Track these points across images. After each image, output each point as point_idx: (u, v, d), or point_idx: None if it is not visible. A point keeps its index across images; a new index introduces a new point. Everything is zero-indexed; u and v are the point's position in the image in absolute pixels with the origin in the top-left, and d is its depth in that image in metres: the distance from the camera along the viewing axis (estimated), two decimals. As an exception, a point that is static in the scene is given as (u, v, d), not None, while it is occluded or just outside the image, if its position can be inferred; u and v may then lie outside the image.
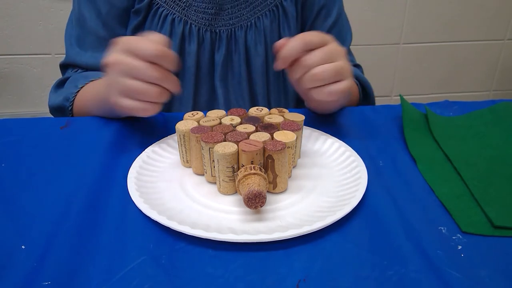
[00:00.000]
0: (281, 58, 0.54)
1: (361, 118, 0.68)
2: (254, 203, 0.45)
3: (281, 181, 0.50)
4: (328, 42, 0.55)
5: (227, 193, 0.50)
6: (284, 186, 0.50)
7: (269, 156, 0.48)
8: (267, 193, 0.49)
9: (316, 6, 0.79)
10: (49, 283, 0.39)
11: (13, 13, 1.55)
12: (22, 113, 1.71)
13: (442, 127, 0.64)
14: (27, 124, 0.65)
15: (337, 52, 0.55)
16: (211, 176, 0.51)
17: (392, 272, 0.40)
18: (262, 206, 0.45)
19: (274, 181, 0.49)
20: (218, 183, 0.50)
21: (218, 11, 0.74)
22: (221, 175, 0.49)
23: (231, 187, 0.49)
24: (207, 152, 0.50)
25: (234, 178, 0.49)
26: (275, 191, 0.50)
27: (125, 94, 0.53)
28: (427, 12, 1.77)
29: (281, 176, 0.49)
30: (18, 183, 0.52)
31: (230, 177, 0.49)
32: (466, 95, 1.97)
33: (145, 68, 0.51)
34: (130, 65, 0.51)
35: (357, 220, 0.47)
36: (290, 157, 0.52)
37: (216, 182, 0.51)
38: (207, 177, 0.52)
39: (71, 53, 0.76)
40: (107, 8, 0.73)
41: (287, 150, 0.50)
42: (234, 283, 0.39)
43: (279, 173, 0.49)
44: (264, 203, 0.45)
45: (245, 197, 0.44)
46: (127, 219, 0.47)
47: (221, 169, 0.49)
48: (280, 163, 0.48)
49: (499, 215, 0.47)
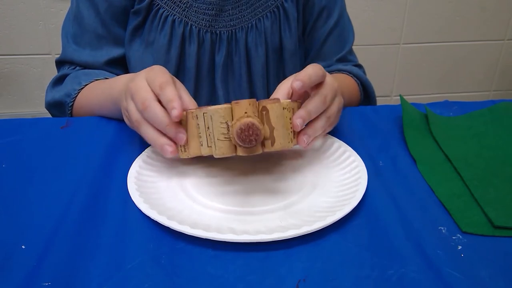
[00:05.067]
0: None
1: (361, 118, 0.68)
2: (248, 136, 0.42)
3: (279, 135, 0.47)
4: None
5: (223, 154, 0.47)
6: (283, 142, 0.47)
7: (263, 108, 0.46)
8: (269, 195, 0.49)
9: (317, 7, 0.79)
10: (49, 284, 0.39)
11: (13, 13, 1.55)
12: (22, 113, 1.71)
13: (442, 127, 0.64)
14: (27, 124, 0.65)
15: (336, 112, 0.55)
16: (207, 147, 0.49)
17: (392, 272, 0.40)
18: (258, 140, 0.42)
19: (272, 136, 0.46)
20: (213, 146, 0.48)
21: (218, 12, 0.74)
22: (216, 133, 0.46)
23: (226, 146, 0.47)
24: (202, 119, 0.48)
25: (229, 136, 0.46)
26: (274, 147, 0.47)
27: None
28: (427, 12, 1.77)
29: (278, 129, 0.47)
30: (18, 183, 0.52)
31: (225, 134, 0.46)
32: (466, 95, 1.97)
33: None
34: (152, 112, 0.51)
35: (357, 220, 0.47)
36: (288, 121, 0.49)
37: (212, 147, 0.48)
38: (203, 149, 0.50)
39: (68, 50, 0.76)
40: (105, 6, 0.73)
41: (284, 112, 0.48)
42: (234, 283, 0.39)
43: (276, 125, 0.46)
44: (259, 136, 0.42)
45: (237, 130, 0.42)
46: (127, 219, 0.47)
47: (215, 127, 0.46)
48: (275, 114, 0.46)
49: (499, 215, 0.47)
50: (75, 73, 0.74)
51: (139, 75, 0.54)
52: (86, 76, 0.72)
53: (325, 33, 0.81)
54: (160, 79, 0.51)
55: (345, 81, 0.79)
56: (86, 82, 0.70)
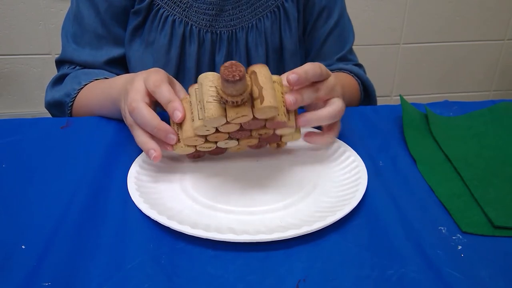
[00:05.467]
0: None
1: (361, 118, 0.68)
2: (231, 72, 0.43)
3: (268, 93, 0.47)
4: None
5: (212, 115, 0.46)
6: (271, 101, 0.47)
7: (252, 72, 0.48)
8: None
9: (318, 7, 0.79)
10: (49, 284, 0.39)
11: (13, 13, 1.55)
12: (22, 113, 1.71)
13: (442, 127, 0.64)
14: (27, 124, 0.65)
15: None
16: (198, 119, 0.49)
17: (392, 272, 0.40)
18: (241, 76, 0.44)
19: (260, 94, 0.47)
20: (203, 111, 0.47)
21: (218, 12, 0.74)
22: (205, 96, 0.47)
23: (215, 108, 0.46)
24: (194, 95, 0.50)
25: (218, 98, 0.47)
26: (264, 104, 0.47)
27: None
28: (427, 12, 1.77)
29: (267, 89, 0.47)
30: (18, 183, 0.52)
31: (213, 96, 0.47)
32: (466, 95, 1.97)
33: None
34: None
35: (357, 220, 0.47)
36: (280, 94, 0.50)
37: (203, 118, 0.48)
38: (196, 124, 0.49)
39: (68, 49, 0.76)
40: (105, 6, 0.73)
41: (275, 85, 0.49)
42: (234, 283, 0.39)
43: (264, 85, 0.47)
44: (242, 73, 0.44)
45: (222, 69, 0.44)
46: (127, 219, 0.47)
47: (205, 92, 0.47)
48: (263, 75, 0.48)
49: (499, 215, 0.47)
50: (75, 73, 0.74)
51: (138, 76, 0.54)
52: (85, 76, 0.72)
53: (326, 33, 0.81)
54: (155, 77, 0.52)
55: (346, 80, 0.79)
56: (86, 82, 0.70)
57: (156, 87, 0.51)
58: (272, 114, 0.48)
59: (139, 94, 0.51)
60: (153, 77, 0.52)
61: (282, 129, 0.52)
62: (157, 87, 0.51)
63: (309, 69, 0.51)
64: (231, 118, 0.46)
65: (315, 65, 0.52)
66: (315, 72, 0.52)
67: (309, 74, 0.51)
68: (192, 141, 0.51)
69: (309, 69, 0.51)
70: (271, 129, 0.52)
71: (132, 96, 0.51)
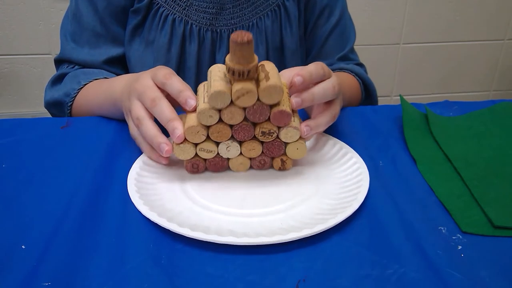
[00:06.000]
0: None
1: (361, 118, 0.68)
2: (241, 35, 0.45)
3: (274, 76, 0.49)
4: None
5: (217, 88, 0.47)
6: (277, 82, 0.48)
7: (260, 64, 0.50)
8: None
9: (319, 5, 0.79)
10: (49, 284, 0.39)
11: (13, 13, 1.55)
12: (22, 113, 1.71)
13: (442, 127, 0.64)
14: (27, 124, 0.65)
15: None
16: (202, 103, 0.49)
17: (392, 272, 0.40)
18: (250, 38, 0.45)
19: (267, 76, 0.49)
20: (209, 89, 0.49)
21: (219, 10, 0.74)
22: (213, 76, 0.49)
23: (222, 84, 0.48)
24: (202, 89, 0.52)
25: (225, 78, 0.49)
26: (269, 82, 0.48)
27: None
28: (427, 12, 1.77)
29: (273, 74, 0.49)
30: (18, 183, 0.52)
31: (221, 77, 0.49)
32: (466, 95, 1.97)
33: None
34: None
35: (357, 220, 0.47)
36: (286, 96, 0.52)
37: (204, 101, 0.49)
38: (200, 106, 0.49)
39: (67, 48, 0.75)
40: (104, 4, 0.72)
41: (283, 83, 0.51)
42: (234, 283, 0.39)
43: (270, 71, 0.50)
44: (251, 39, 0.45)
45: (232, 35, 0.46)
46: (127, 218, 0.47)
47: (213, 76, 0.49)
48: (270, 66, 0.51)
49: (499, 215, 0.47)
50: (74, 73, 0.74)
51: (144, 74, 0.54)
52: (85, 76, 0.71)
53: (327, 31, 0.81)
54: (164, 70, 0.53)
55: (347, 79, 0.79)
56: (86, 81, 0.70)
57: (167, 79, 0.52)
58: (277, 96, 0.49)
59: (154, 89, 0.53)
60: (162, 71, 0.53)
61: (286, 131, 0.51)
62: (168, 78, 0.52)
63: (314, 71, 0.52)
64: (236, 92, 0.47)
65: (318, 66, 0.53)
66: (318, 74, 0.52)
67: (313, 76, 0.52)
68: (194, 134, 0.50)
69: (313, 71, 0.52)
70: (275, 127, 0.51)
71: (153, 94, 0.52)
